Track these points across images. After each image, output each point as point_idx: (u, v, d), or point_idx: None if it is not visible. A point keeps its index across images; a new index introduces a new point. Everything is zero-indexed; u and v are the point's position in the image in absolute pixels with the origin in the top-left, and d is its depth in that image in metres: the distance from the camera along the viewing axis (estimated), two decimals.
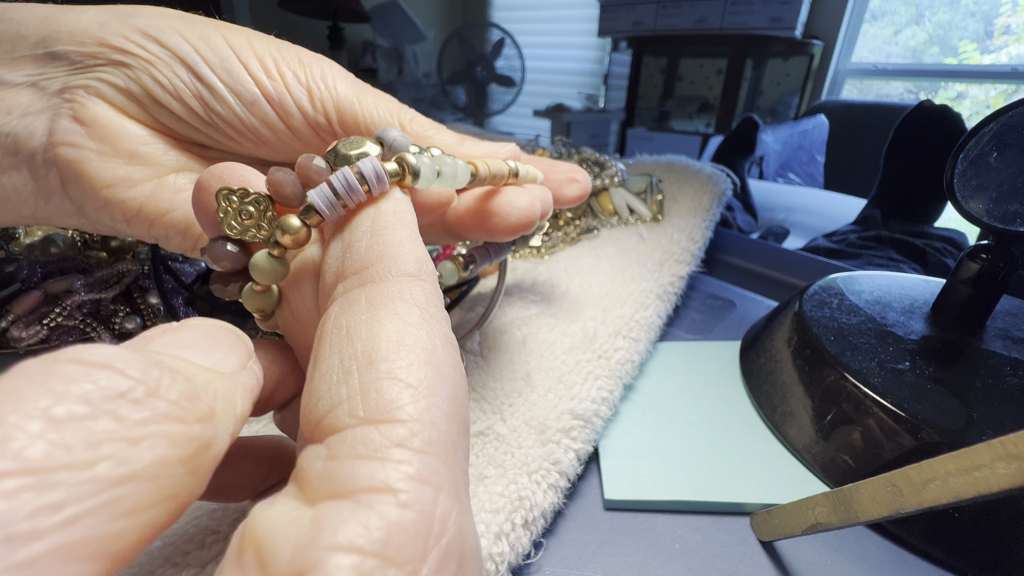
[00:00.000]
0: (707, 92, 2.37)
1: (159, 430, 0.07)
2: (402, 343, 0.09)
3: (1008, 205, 0.27)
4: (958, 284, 0.30)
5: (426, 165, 0.13)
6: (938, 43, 1.98)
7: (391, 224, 0.12)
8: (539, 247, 0.46)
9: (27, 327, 0.25)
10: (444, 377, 0.09)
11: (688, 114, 2.37)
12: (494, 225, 0.17)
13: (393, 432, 0.08)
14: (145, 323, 0.28)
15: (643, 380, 0.32)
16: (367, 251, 0.11)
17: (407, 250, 0.11)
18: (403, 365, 0.09)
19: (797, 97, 2.13)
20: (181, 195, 0.19)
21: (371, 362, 0.09)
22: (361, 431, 0.08)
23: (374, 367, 0.09)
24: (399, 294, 0.10)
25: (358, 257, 0.11)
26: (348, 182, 0.12)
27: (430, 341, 0.10)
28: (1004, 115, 0.26)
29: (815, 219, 1.06)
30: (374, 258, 0.11)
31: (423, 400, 0.08)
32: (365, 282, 0.10)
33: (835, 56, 2.05)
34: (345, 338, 0.09)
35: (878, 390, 0.25)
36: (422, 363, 0.09)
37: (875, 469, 0.24)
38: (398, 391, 0.08)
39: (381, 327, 0.09)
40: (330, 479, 0.07)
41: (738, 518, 0.24)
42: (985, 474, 0.14)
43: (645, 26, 2.19)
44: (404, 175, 0.13)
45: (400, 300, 0.10)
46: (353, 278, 0.11)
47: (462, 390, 0.10)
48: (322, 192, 0.12)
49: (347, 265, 0.11)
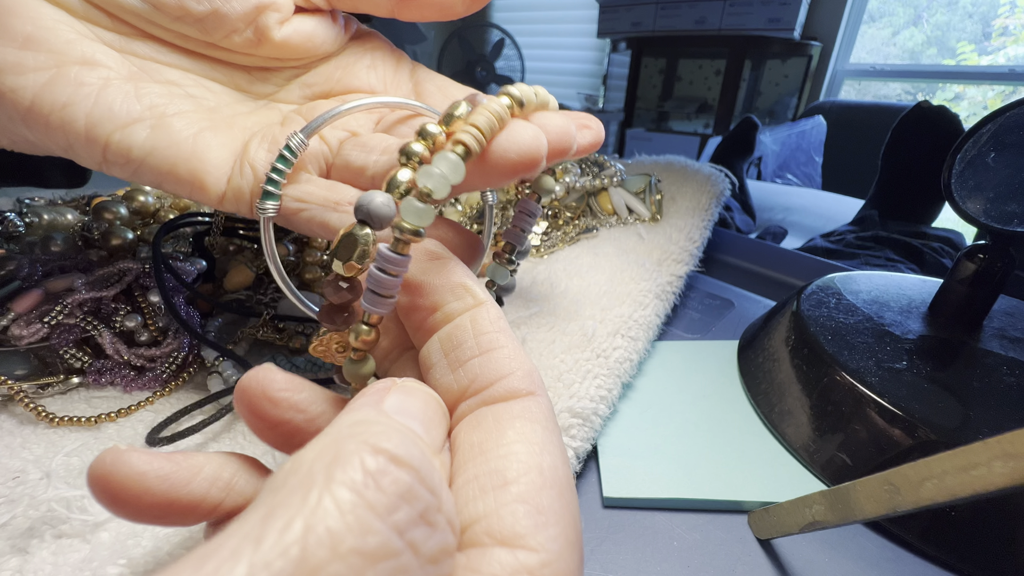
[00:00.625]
0: (706, 93, 2.37)
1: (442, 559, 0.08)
2: (530, 465, 0.10)
3: (1005, 205, 0.27)
4: (955, 284, 0.30)
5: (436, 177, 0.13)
6: (936, 44, 1.98)
7: (497, 341, 0.13)
8: (538, 247, 0.46)
9: (28, 325, 0.25)
10: (566, 501, 0.10)
11: (687, 115, 2.37)
12: (491, 165, 0.14)
13: (527, 559, 0.09)
14: (146, 321, 0.28)
15: (642, 379, 0.32)
16: (482, 373, 0.12)
17: (518, 365, 0.12)
18: (533, 490, 0.10)
19: (795, 98, 2.14)
20: (83, 89, 0.17)
21: (504, 483, 0.10)
22: (497, 552, 0.09)
23: (507, 489, 0.10)
24: (521, 413, 0.11)
25: (475, 378, 0.12)
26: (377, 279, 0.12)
27: (553, 462, 0.11)
28: (1002, 116, 0.27)
29: (813, 219, 1.06)
30: (492, 378, 0.12)
31: (552, 528, 0.09)
32: (487, 402, 0.12)
33: (833, 57, 2.05)
34: (479, 456, 0.11)
35: (875, 389, 0.25)
36: (549, 486, 0.10)
37: (872, 468, 0.24)
38: (531, 519, 0.09)
39: (510, 448, 0.11)
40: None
41: (736, 516, 0.24)
42: (982, 472, 0.14)
43: (644, 27, 2.20)
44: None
45: (523, 419, 0.11)
46: (474, 399, 0.12)
47: (577, 511, 0.11)
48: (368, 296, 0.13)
49: (465, 385, 0.12)
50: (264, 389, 0.12)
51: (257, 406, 0.12)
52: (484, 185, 0.15)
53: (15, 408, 0.25)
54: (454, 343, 0.13)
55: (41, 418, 0.24)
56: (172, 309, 0.27)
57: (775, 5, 1.85)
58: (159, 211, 0.37)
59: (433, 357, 0.13)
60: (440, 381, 0.13)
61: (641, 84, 2.42)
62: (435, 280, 0.13)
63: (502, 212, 0.48)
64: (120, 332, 0.28)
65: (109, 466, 0.11)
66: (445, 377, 0.13)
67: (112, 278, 0.28)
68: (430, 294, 0.13)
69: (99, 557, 0.18)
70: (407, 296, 0.14)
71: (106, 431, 0.25)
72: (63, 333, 0.26)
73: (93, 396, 0.27)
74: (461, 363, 0.12)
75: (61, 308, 0.26)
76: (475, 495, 0.10)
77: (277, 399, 0.12)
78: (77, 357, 0.27)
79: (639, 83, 2.39)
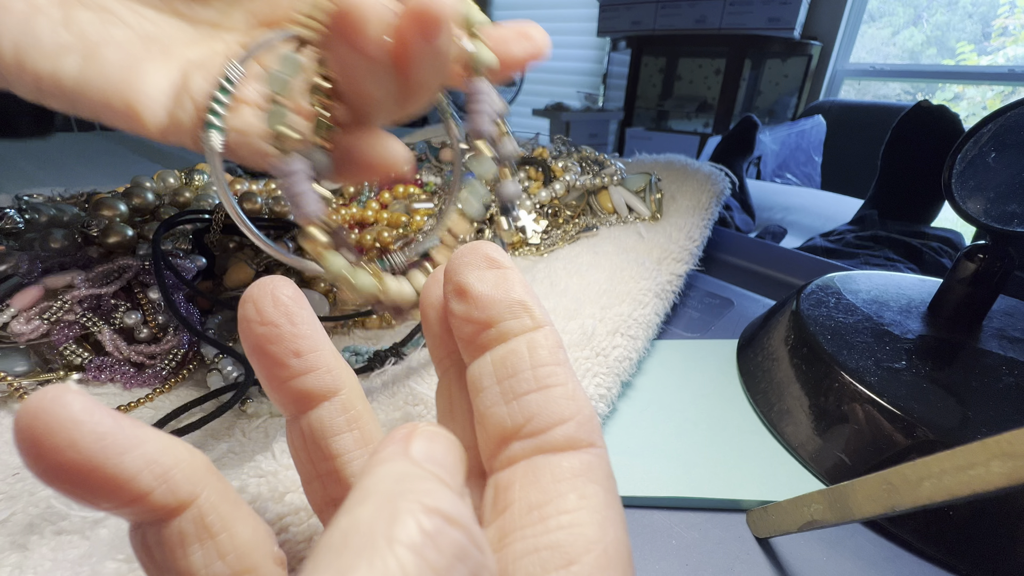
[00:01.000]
0: (705, 92, 2.38)
1: None
2: (593, 541, 0.10)
3: (1006, 205, 0.27)
4: (955, 284, 0.30)
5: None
6: (936, 44, 1.98)
7: (557, 377, 0.12)
8: (538, 245, 0.46)
9: (28, 322, 0.25)
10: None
11: (686, 114, 2.38)
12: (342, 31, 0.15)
13: None
14: (145, 318, 0.28)
15: (641, 378, 0.32)
16: (540, 413, 0.11)
17: (578, 409, 0.11)
18: (596, 570, 0.09)
19: (795, 97, 2.14)
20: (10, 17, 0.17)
21: (568, 563, 0.09)
22: None
23: (569, 569, 0.09)
24: (583, 471, 0.11)
25: (532, 418, 0.11)
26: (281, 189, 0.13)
27: (616, 535, 0.10)
28: (1003, 116, 0.27)
29: (812, 219, 1.06)
30: (550, 422, 0.11)
31: None
32: (544, 449, 0.11)
33: (833, 57, 2.05)
34: (538, 522, 0.10)
35: (874, 388, 0.25)
36: (612, 567, 0.10)
37: (871, 467, 0.24)
38: None
39: (574, 517, 0.10)
40: None
41: (734, 515, 0.24)
42: (980, 472, 0.14)
43: (644, 26, 2.20)
44: None
45: (584, 479, 0.10)
46: (529, 442, 0.11)
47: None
48: None
49: (520, 423, 0.11)
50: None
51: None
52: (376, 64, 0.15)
53: (15, 405, 0.25)
54: (509, 371, 0.12)
55: None
56: (172, 306, 0.27)
57: (775, 4, 1.85)
58: (159, 208, 0.37)
59: (484, 381, 0.12)
60: (491, 410, 0.12)
61: (641, 83, 2.42)
62: (492, 292, 0.12)
63: None
64: (120, 329, 0.28)
65: (47, 402, 0.09)
66: (498, 408, 0.12)
67: (112, 275, 0.28)
68: (486, 307, 0.12)
69: (98, 553, 0.18)
70: (461, 303, 0.12)
71: None
72: (63, 330, 0.26)
73: (93, 393, 0.27)
74: (516, 396, 0.12)
75: (61, 305, 0.26)
76: (532, 569, 0.10)
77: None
78: (77, 354, 0.27)
79: (639, 82, 2.39)
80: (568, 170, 0.52)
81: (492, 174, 0.18)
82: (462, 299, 0.12)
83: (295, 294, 0.13)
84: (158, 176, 0.42)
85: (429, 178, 0.55)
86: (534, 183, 0.50)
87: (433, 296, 0.14)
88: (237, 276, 0.34)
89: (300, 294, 0.13)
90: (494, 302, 0.12)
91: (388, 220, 0.46)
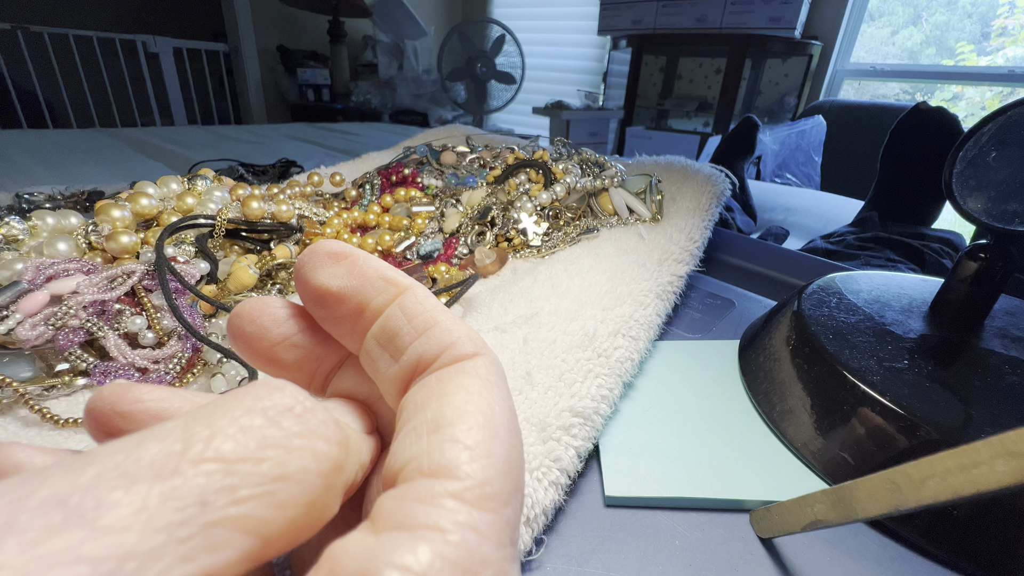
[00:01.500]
0: (706, 91, 2.38)
1: (308, 444, 0.09)
2: (464, 410, 0.10)
3: (1006, 205, 0.27)
4: (956, 283, 0.30)
5: None
6: (935, 44, 1.98)
7: (433, 319, 0.12)
8: (539, 247, 0.46)
9: (33, 328, 0.26)
10: (500, 440, 0.10)
11: (686, 113, 2.38)
12: None
13: (450, 486, 0.09)
14: (150, 323, 0.28)
15: (643, 378, 0.33)
16: (426, 350, 0.12)
17: (459, 333, 0.12)
18: (463, 429, 0.10)
19: (795, 97, 2.14)
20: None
21: (438, 427, 0.10)
22: (424, 482, 0.09)
23: (440, 431, 0.10)
24: (464, 370, 0.11)
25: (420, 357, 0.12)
26: None
27: (489, 408, 0.11)
28: (1003, 115, 0.27)
29: (814, 220, 1.06)
30: (436, 352, 0.12)
31: (479, 460, 0.10)
32: (435, 370, 0.12)
33: (834, 57, 2.05)
34: (420, 410, 0.11)
35: (877, 388, 0.25)
36: (480, 427, 0.10)
37: (874, 466, 0.24)
38: (457, 451, 0.10)
39: (448, 398, 0.11)
40: (394, 515, 0.09)
41: (738, 515, 0.24)
42: (984, 471, 0.14)
43: (645, 24, 2.20)
44: None
45: (465, 375, 0.11)
46: (424, 375, 0.12)
47: (517, 452, 0.11)
48: None
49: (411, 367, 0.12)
50: (113, 405, 0.12)
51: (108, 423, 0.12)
52: None
53: (20, 410, 0.25)
54: (389, 335, 0.12)
55: (46, 420, 0.24)
56: (175, 311, 0.27)
57: (776, 4, 1.85)
58: (162, 213, 0.38)
59: (373, 353, 0.13)
60: (387, 374, 0.12)
61: (641, 82, 2.42)
62: (349, 281, 0.12)
63: (503, 213, 0.48)
64: (124, 334, 0.28)
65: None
66: (390, 368, 0.12)
67: (116, 280, 0.28)
68: (349, 298, 0.12)
69: None
70: (324, 309, 0.13)
71: None
72: (68, 335, 0.26)
73: None
74: (402, 350, 0.12)
75: (66, 310, 0.26)
76: (411, 442, 0.10)
77: (127, 411, 0.12)
78: (82, 359, 0.27)
79: (639, 81, 2.40)
80: (568, 172, 0.52)
81: None
82: (323, 303, 0.13)
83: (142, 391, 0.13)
84: (161, 182, 0.42)
85: (430, 181, 0.55)
86: (535, 185, 0.51)
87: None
88: (240, 280, 0.34)
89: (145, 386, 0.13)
90: (355, 289, 0.12)
91: (390, 224, 0.47)
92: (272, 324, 0.13)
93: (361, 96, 2.80)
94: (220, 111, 2.78)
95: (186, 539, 0.07)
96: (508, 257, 0.45)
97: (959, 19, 1.92)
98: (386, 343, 0.12)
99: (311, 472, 0.09)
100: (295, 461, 0.09)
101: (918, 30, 2.01)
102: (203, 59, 2.60)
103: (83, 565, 0.06)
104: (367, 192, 0.54)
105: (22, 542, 0.06)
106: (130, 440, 0.08)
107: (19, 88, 2.13)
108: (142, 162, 0.88)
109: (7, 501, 0.06)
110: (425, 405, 0.11)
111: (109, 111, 2.36)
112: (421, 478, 0.09)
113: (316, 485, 0.09)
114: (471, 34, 2.44)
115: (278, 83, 2.84)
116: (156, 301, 0.29)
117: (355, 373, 0.14)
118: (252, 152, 0.99)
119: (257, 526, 0.08)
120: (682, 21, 2.09)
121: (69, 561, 0.06)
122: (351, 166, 0.71)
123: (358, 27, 2.97)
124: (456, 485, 0.09)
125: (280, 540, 0.08)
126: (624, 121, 2.44)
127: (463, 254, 0.45)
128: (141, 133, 1.18)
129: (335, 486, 0.09)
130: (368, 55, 2.98)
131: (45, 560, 0.06)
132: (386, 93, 2.81)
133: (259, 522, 0.08)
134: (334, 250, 0.13)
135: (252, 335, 0.13)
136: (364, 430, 0.13)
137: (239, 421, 0.08)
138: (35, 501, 0.06)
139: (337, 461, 0.09)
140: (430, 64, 2.89)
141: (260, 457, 0.08)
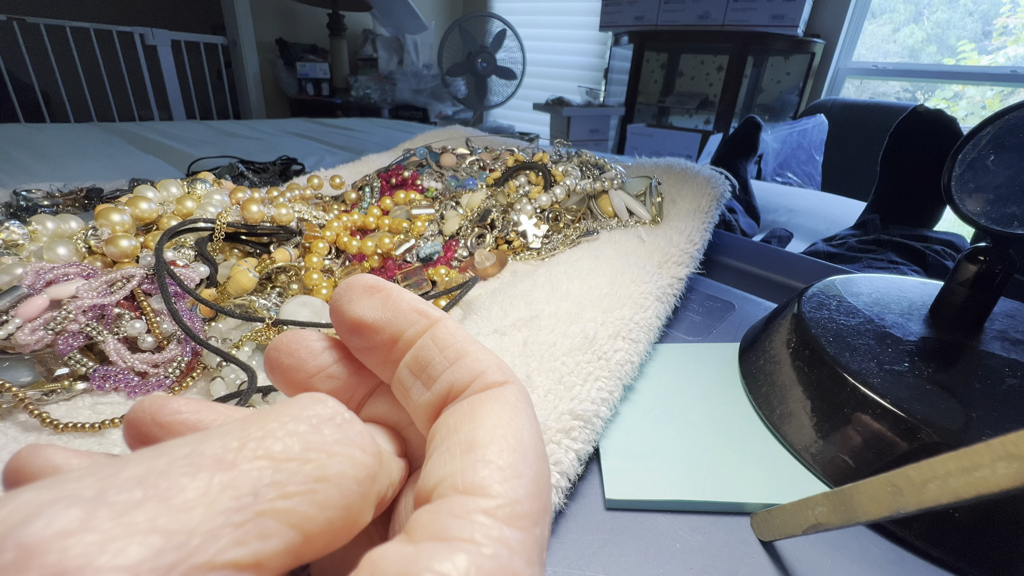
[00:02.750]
0: (707, 89, 2.37)
1: (346, 451, 0.10)
2: (495, 433, 0.11)
3: (1005, 207, 0.27)
4: (956, 286, 0.30)
5: None
6: (936, 42, 1.97)
7: (463, 349, 0.13)
8: (539, 249, 0.46)
9: (32, 332, 0.26)
10: (529, 463, 0.11)
11: (688, 110, 2.37)
12: None
13: (482, 503, 0.10)
14: (149, 327, 0.28)
15: (643, 381, 0.33)
16: (457, 379, 0.13)
17: (488, 362, 0.13)
18: (495, 451, 0.11)
19: (797, 95, 2.13)
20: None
21: (471, 448, 0.11)
22: (459, 499, 0.10)
23: (473, 452, 0.11)
24: (493, 396, 0.12)
25: (451, 386, 0.13)
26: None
27: (519, 432, 0.11)
28: (1002, 118, 0.27)
29: (816, 222, 1.05)
30: (467, 380, 0.13)
31: (510, 481, 0.10)
32: (466, 397, 0.13)
33: (836, 55, 2.05)
34: (453, 432, 0.11)
35: (877, 390, 0.25)
36: (511, 450, 0.11)
37: (875, 469, 0.24)
38: (489, 471, 0.10)
39: (480, 422, 0.11)
40: (430, 527, 0.09)
41: (738, 518, 0.24)
42: (985, 474, 0.14)
43: (647, 21, 2.19)
44: None
45: (495, 400, 0.12)
46: (455, 402, 0.13)
47: (545, 475, 0.11)
48: None
49: (443, 395, 0.13)
50: (153, 416, 0.12)
51: (146, 432, 0.12)
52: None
53: (20, 415, 0.25)
54: (422, 364, 0.13)
55: (46, 425, 0.24)
56: (175, 315, 0.27)
57: (779, 1, 1.85)
58: (161, 217, 0.38)
59: (406, 382, 0.13)
60: (419, 401, 0.13)
61: (643, 79, 2.41)
62: (383, 314, 0.13)
63: (503, 216, 0.48)
64: (124, 338, 0.28)
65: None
66: (423, 396, 0.13)
67: (115, 284, 0.28)
68: (383, 329, 0.13)
69: None
70: (359, 339, 0.14)
71: (110, 437, 0.25)
72: (67, 339, 0.26)
73: (98, 402, 0.27)
74: (434, 378, 0.13)
75: (65, 315, 0.26)
76: (445, 461, 0.11)
77: (165, 422, 0.12)
78: (82, 363, 0.27)
79: (640, 78, 2.39)
80: (568, 174, 0.52)
81: None
82: (359, 333, 0.14)
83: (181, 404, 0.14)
84: (160, 185, 0.42)
85: (430, 183, 0.55)
86: (535, 188, 0.51)
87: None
88: (240, 284, 0.34)
89: (183, 400, 0.14)
90: (389, 320, 0.13)
91: (389, 226, 0.47)
92: (309, 356, 0.14)
93: (361, 91, 2.79)
94: (218, 105, 2.76)
95: (241, 524, 0.08)
96: (508, 259, 0.44)
97: (960, 17, 1.91)
98: (418, 372, 0.13)
99: (348, 477, 0.10)
100: (335, 465, 0.09)
101: (919, 28, 2.01)
102: (201, 52, 2.59)
103: (157, 536, 0.07)
104: (367, 195, 0.54)
105: (111, 512, 0.07)
106: (195, 437, 0.09)
107: (16, 81, 2.11)
108: (140, 158, 0.88)
109: (98, 478, 0.08)
110: (458, 428, 0.11)
111: (106, 104, 2.34)
112: (455, 495, 0.10)
113: (352, 490, 0.10)
114: (472, 29, 2.44)
115: (277, 77, 2.83)
116: (156, 305, 0.29)
117: (386, 400, 0.15)
118: (251, 148, 0.99)
119: (300, 521, 0.09)
120: (684, 18, 2.09)
121: (146, 531, 0.07)
122: (351, 168, 0.71)
123: (358, 21, 2.96)
124: (489, 503, 0.10)
125: (318, 539, 0.09)
126: (625, 118, 2.43)
127: (463, 256, 0.45)
128: (139, 128, 1.17)
129: (369, 494, 0.10)
130: (368, 49, 2.97)
131: (128, 528, 0.07)
132: (386, 88, 2.80)
133: (302, 517, 0.09)
134: (369, 284, 0.14)
135: (290, 367, 0.14)
136: (395, 453, 0.14)
137: (287, 426, 0.09)
138: (120, 480, 0.08)
139: (371, 470, 0.10)
140: (430, 59, 2.88)
141: (305, 459, 0.09)
